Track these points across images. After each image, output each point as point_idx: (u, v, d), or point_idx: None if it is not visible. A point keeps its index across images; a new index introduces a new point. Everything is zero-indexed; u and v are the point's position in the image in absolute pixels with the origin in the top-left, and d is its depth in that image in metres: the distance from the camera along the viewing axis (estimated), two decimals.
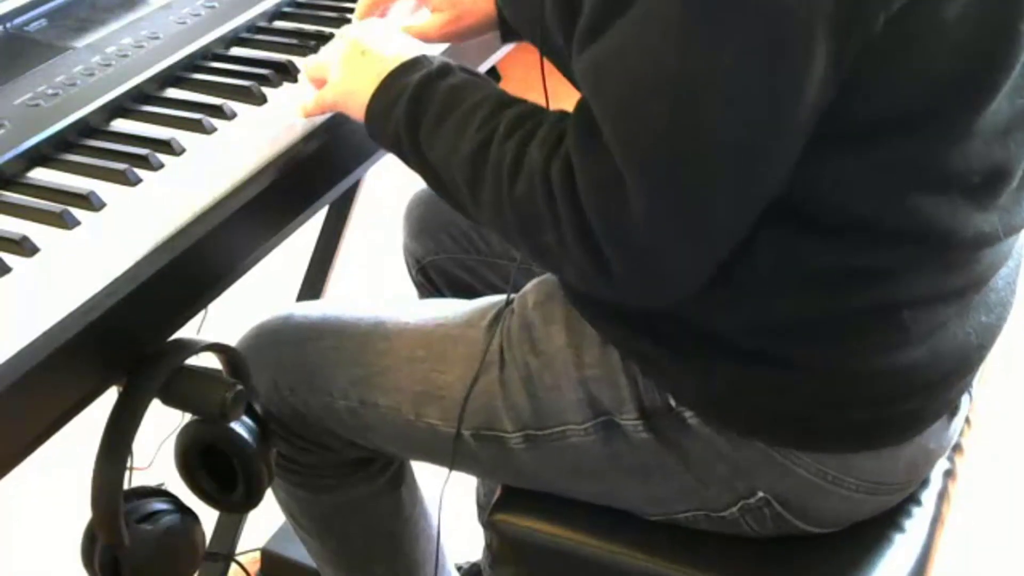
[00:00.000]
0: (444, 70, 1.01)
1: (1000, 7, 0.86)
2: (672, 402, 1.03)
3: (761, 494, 1.03)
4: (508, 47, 1.37)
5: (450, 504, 1.27)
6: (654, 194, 0.83)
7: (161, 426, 1.13)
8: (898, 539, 1.09)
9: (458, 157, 0.96)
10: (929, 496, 1.13)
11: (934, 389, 1.01)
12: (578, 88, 0.90)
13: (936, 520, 1.12)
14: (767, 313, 0.95)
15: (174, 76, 1.19)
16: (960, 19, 0.84)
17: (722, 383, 0.99)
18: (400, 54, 1.04)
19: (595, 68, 0.86)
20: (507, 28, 1.24)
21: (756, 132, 0.83)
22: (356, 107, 1.05)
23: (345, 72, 1.07)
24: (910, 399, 1.00)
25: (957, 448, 1.17)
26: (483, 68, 1.39)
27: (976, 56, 0.86)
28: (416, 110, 0.99)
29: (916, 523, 1.10)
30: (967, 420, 1.18)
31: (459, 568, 1.61)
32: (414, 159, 1.01)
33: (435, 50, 1.10)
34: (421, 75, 1.00)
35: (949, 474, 1.16)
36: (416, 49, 1.06)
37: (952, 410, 1.07)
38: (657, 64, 0.82)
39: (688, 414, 1.02)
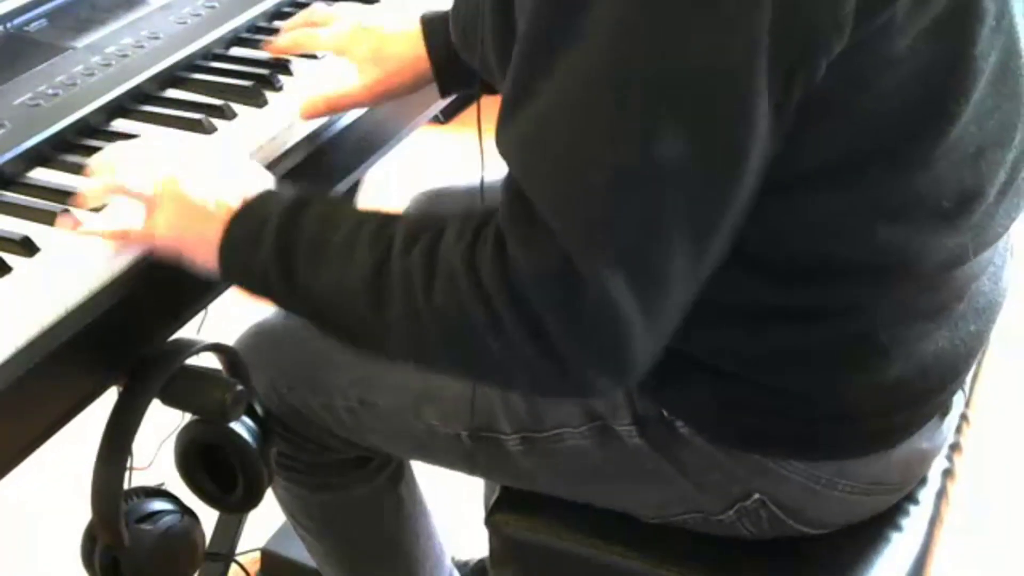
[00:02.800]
0: (304, 200, 0.91)
1: (951, 36, 0.83)
2: (664, 412, 1.03)
3: (757, 496, 1.03)
4: None
5: (452, 504, 1.27)
6: (607, 271, 0.76)
7: (161, 426, 1.13)
8: (896, 539, 1.08)
9: (351, 284, 0.85)
10: (927, 495, 1.13)
11: (922, 399, 1.00)
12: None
13: (935, 519, 1.12)
14: (742, 345, 0.94)
15: (174, 76, 1.19)
16: (910, 53, 0.81)
17: (707, 402, 0.99)
18: (247, 186, 0.93)
19: (523, 144, 0.79)
20: (445, 80, 1.17)
21: (705, 197, 0.78)
22: (193, 248, 0.93)
23: (179, 207, 0.93)
24: (898, 411, 1.00)
25: (956, 447, 1.17)
26: None
27: (931, 87, 0.84)
28: (286, 246, 0.88)
29: (914, 522, 1.10)
30: (965, 418, 1.18)
31: (465, 565, 1.61)
32: (292, 300, 0.90)
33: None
34: (282, 208, 0.90)
35: (948, 473, 1.16)
36: (263, 180, 0.96)
37: (944, 410, 1.06)
38: (592, 132, 0.76)
39: (679, 423, 1.02)
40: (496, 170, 1.02)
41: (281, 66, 1.21)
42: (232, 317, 1.29)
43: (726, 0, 0.73)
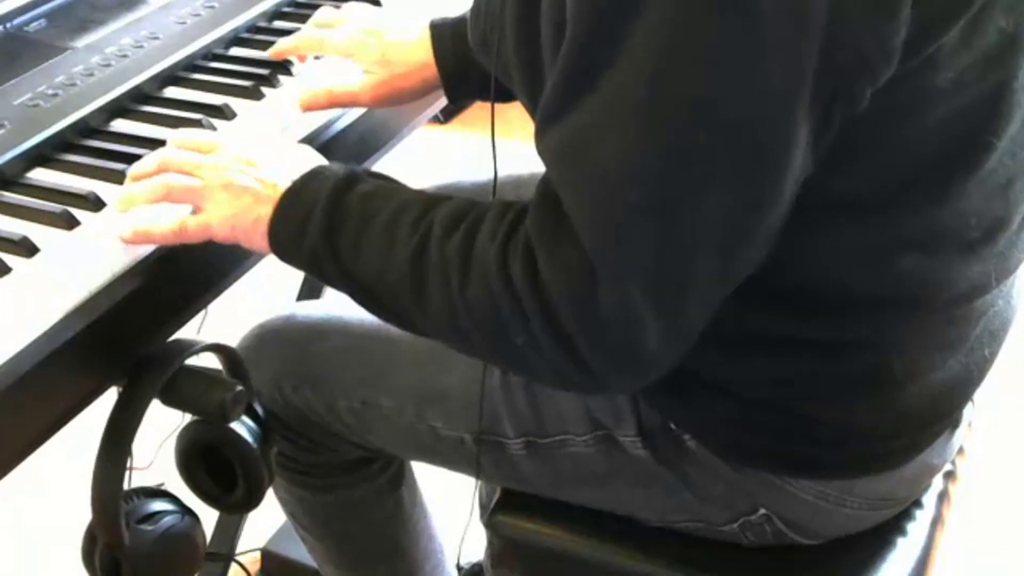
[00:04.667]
0: (350, 178, 0.92)
1: (997, 70, 0.82)
2: (672, 425, 1.02)
3: (762, 511, 1.03)
4: None
5: (451, 504, 1.27)
6: (628, 284, 0.78)
7: (161, 426, 1.13)
8: (899, 542, 1.08)
9: (394, 268, 0.87)
10: (929, 498, 1.12)
11: (933, 420, 1.00)
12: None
13: (936, 521, 1.12)
14: (755, 372, 0.94)
15: (174, 76, 1.19)
16: (955, 86, 0.80)
17: (717, 420, 0.99)
18: (294, 166, 0.94)
19: (561, 151, 0.80)
20: (454, 88, 1.18)
21: (734, 220, 0.78)
22: (248, 232, 0.94)
23: (229, 194, 0.94)
24: (908, 433, 0.99)
25: (959, 449, 1.17)
26: None
27: (972, 120, 0.83)
28: (331, 227, 0.90)
29: (916, 525, 1.10)
30: (968, 422, 1.17)
31: (461, 568, 1.61)
32: (340, 280, 0.92)
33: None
34: (329, 188, 0.91)
35: (950, 475, 1.16)
36: (309, 157, 0.97)
37: (954, 425, 1.06)
38: (628, 150, 0.77)
39: (686, 437, 1.02)
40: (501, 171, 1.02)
41: (281, 66, 1.21)
42: (232, 317, 1.29)
43: (775, 27, 0.73)
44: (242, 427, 1.09)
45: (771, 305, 0.89)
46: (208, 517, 1.15)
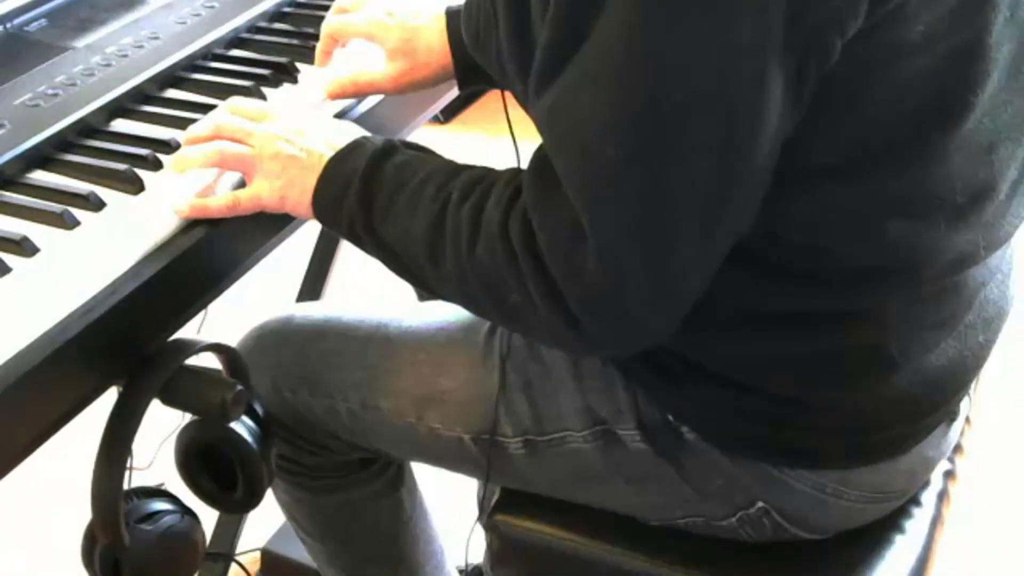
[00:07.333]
0: (388, 149, 0.97)
1: (967, 24, 0.83)
2: (670, 417, 1.02)
3: (760, 504, 1.03)
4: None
5: (451, 505, 1.27)
6: (614, 241, 0.81)
7: (161, 426, 1.13)
8: (898, 540, 1.08)
9: (415, 233, 0.92)
10: (929, 496, 1.13)
11: (929, 410, 1.00)
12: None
13: (936, 520, 1.12)
14: (750, 351, 0.95)
15: (174, 76, 1.19)
16: (925, 40, 0.81)
17: (715, 410, 0.99)
18: (338, 136, 0.99)
19: (548, 114, 0.84)
20: (464, 76, 1.19)
21: (714, 177, 0.80)
22: (296, 202, 0.99)
23: (279, 164, 0.99)
24: (905, 422, 1.00)
25: (957, 448, 1.17)
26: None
27: (946, 76, 0.83)
28: (367, 195, 0.95)
29: (916, 523, 1.10)
30: (967, 419, 1.18)
31: (461, 571, 1.61)
32: (372, 245, 0.97)
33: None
34: (367, 158, 0.96)
35: (949, 474, 1.16)
36: (348, 130, 1.01)
37: (951, 418, 1.06)
38: (605, 109, 0.79)
39: (685, 429, 1.02)
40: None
41: (282, 67, 1.21)
42: (232, 317, 1.28)
43: None
44: (242, 427, 1.09)
45: (763, 280, 0.90)
46: (208, 517, 1.15)
